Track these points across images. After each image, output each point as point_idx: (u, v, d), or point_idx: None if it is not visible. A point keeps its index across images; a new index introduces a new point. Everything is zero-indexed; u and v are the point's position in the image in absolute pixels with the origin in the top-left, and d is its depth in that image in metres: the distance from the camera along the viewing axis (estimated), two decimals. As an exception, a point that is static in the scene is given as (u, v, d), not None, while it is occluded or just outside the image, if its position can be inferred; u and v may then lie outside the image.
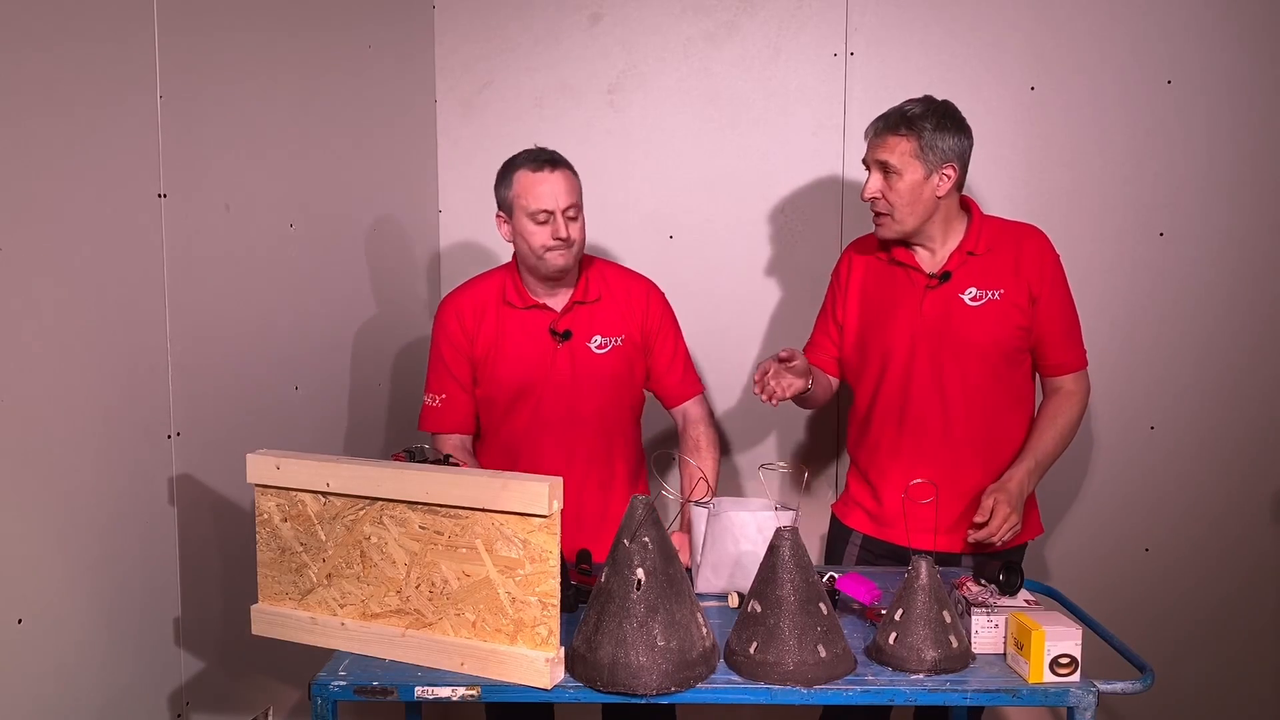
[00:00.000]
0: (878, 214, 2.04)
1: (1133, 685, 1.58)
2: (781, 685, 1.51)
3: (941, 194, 2.00)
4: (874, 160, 2.01)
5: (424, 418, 2.18)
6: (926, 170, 1.97)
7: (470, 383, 2.15)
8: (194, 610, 1.80)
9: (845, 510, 2.22)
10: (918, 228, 2.03)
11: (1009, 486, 1.97)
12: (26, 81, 1.42)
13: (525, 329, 2.13)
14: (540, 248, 2.03)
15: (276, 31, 2.05)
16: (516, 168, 2.05)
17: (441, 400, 2.15)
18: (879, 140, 2.01)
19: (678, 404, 2.24)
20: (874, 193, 2.01)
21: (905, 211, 2.00)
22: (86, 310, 1.55)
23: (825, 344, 2.23)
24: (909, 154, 1.97)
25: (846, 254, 2.24)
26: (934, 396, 2.06)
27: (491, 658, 1.52)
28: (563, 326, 2.12)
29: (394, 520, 1.57)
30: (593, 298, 2.14)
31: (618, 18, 2.73)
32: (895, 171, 1.98)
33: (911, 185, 1.98)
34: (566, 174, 2.05)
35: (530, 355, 2.12)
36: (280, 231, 2.08)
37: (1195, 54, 2.55)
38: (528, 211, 2.02)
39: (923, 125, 1.97)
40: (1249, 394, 2.62)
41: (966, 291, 2.04)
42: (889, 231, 2.05)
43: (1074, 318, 2.10)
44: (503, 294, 2.14)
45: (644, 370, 2.22)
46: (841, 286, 2.21)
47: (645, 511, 1.53)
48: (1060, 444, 2.07)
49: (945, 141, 1.97)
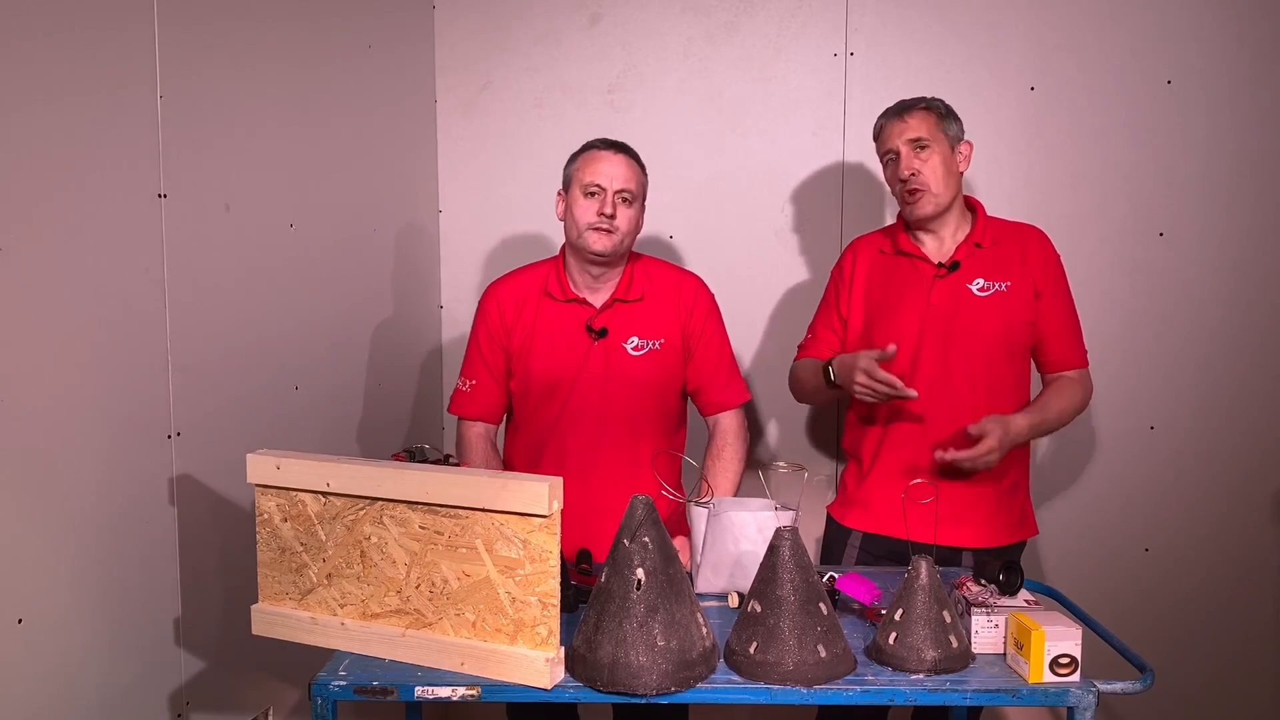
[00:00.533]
0: (913, 191, 2.06)
1: (1133, 685, 1.58)
2: (781, 685, 1.51)
3: (963, 169, 2.09)
4: (904, 141, 2.05)
5: (454, 401, 2.19)
6: (950, 143, 2.06)
7: (503, 373, 2.16)
8: (194, 610, 1.80)
9: (843, 511, 2.22)
10: (950, 202, 2.08)
11: (1010, 425, 1.97)
12: (26, 81, 1.42)
13: (562, 322, 2.12)
14: (584, 223, 2.04)
15: (277, 31, 2.05)
16: (588, 147, 2.10)
17: (472, 386, 2.17)
18: (903, 121, 2.06)
19: (714, 412, 2.19)
20: (912, 169, 2.04)
21: (941, 184, 2.05)
22: (86, 310, 1.55)
23: (829, 338, 2.23)
24: (935, 126, 2.06)
25: (850, 249, 2.25)
26: (939, 386, 2.06)
27: (491, 658, 1.52)
28: (599, 324, 2.11)
29: (394, 520, 1.57)
30: (634, 296, 2.13)
31: (618, 18, 2.73)
32: (928, 144, 2.04)
33: (944, 157, 2.05)
34: (630, 161, 2.09)
35: (563, 350, 2.11)
36: (280, 231, 2.08)
37: (1195, 54, 2.55)
38: (581, 184, 2.06)
39: (936, 104, 2.08)
40: (1249, 394, 2.63)
41: (974, 282, 2.05)
42: (928, 206, 2.06)
43: (1074, 317, 2.12)
44: (545, 285, 2.14)
45: (682, 376, 2.17)
46: (846, 280, 2.21)
47: (645, 511, 1.53)
48: (1061, 418, 2.08)
49: (955, 123, 2.09)
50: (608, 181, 2.04)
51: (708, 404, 2.20)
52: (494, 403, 2.17)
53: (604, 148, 2.08)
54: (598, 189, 2.04)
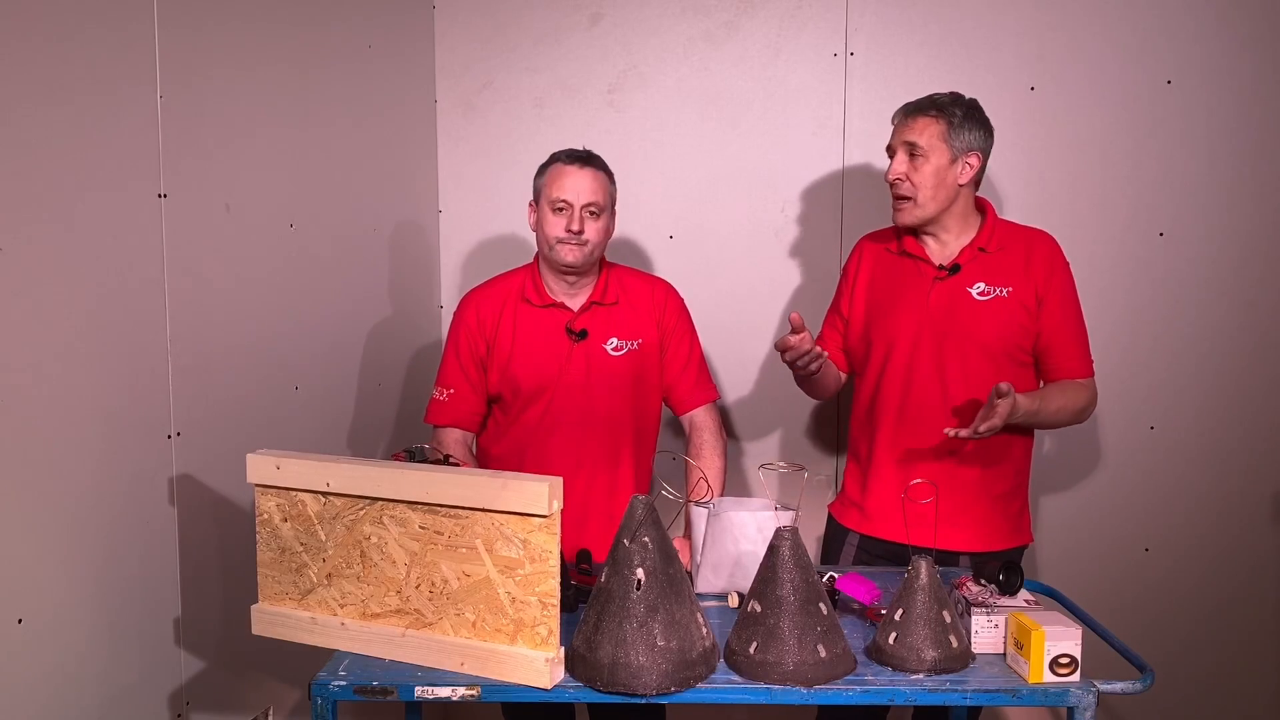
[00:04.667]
0: (899, 198, 2.05)
1: (1133, 685, 1.58)
2: (781, 685, 1.51)
3: (963, 182, 2.03)
4: (901, 142, 2.03)
5: (430, 410, 2.19)
6: (952, 155, 2.00)
7: (480, 381, 2.16)
8: (194, 610, 1.80)
9: (842, 510, 2.22)
10: (937, 214, 2.04)
11: (1019, 401, 1.88)
12: (26, 81, 1.42)
13: (542, 327, 2.14)
14: (553, 238, 2.07)
15: (276, 31, 2.05)
16: (554, 160, 2.11)
17: (449, 395, 2.16)
18: (908, 122, 2.03)
19: (687, 410, 2.23)
20: (899, 174, 2.03)
21: (928, 195, 2.01)
22: (87, 310, 1.55)
23: (832, 335, 2.24)
24: (937, 136, 2.00)
25: (858, 246, 2.25)
26: (935, 388, 2.06)
27: (491, 658, 1.52)
28: (579, 326, 2.13)
29: (394, 520, 1.57)
30: (610, 300, 2.16)
31: (618, 18, 2.73)
32: (922, 154, 2.00)
33: (936, 169, 2.00)
34: (597, 174, 2.09)
35: (545, 353, 2.12)
36: (280, 231, 2.08)
37: (1195, 54, 2.55)
38: (549, 200, 2.07)
39: (952, 111, 2.01)
40: (1249, 394, 2.62)
41: (975, 286, 2.04)
42: (909, 216, 2.05)
43: (1081, 326, 2.09)
44: (522, 291, 2.16)
45: (659, 375, 2.21)
46: (850, 279, 2.22)
47: (645, 511, 1.53)
48: (1060, 413, 2.03)
49: (971, 132, 2.01)
50: (574, 197, 2.06)
51: (681, 402, 2.23)
52: (472, 410, 2.18)
53: (569, 161, 2.09)
54: (565, 205, 2.06)
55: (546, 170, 2.11)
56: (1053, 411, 2.02)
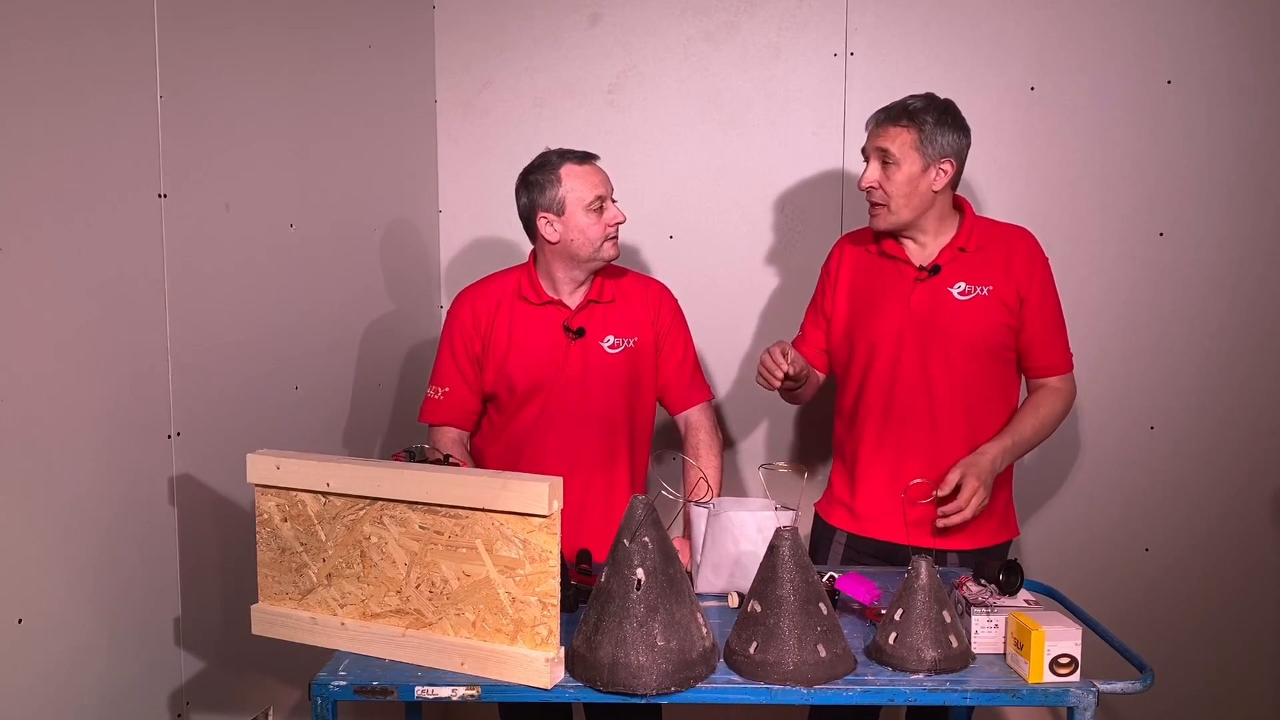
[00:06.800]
0: (873, 204, 2.06)
1: (1133, 685, 1.58)
2: (781, 685, 1.51)
3: (937, 188, 2.02)
4: (874, 149, 2.03)
5: (425, 409, 2.18)
6: (925, 163, 1.99)
7: (476, 380, 2.15)
8: (194, 610, 1.80)
9: (829, 509, 2.22)
10: (912, 220, 2.04)
11: (980, 461, 1.97)
12: (26, 81, 1.42)
13: (539, 325, 2.13)
14: (599, 237, 2.06)
15: (277, 31, 2.05)
16: (561, 164, 2.07)
17: (444, 394, 2.15)
18: (880, 130, 2.02)
19: (682, 409, 2.23)
20: (871, 182, 2.03)
21: (901, 202, 2.01)
22: (87, 310, 1.55)
23: (814, 335, 2.24)
24: (909, 145, 1.98)
25: (838, 246, 2.25)
26: (919, 389, 2.06)
27: (491, 658, 1.52)
28: (576, 323, 2.12)
29: (394, 520, 1.57)
30: (607, 298, 2.16)
31: (618, 18, 2.73)
32: (894, 162, 1.99)
33: (909, 177, 1.99)
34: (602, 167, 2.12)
35: (542, 351, 2.12)
36: (280, 231, 2.08)
37: (1195, 54, 2.55)
38: (584, 202, 2.04)
39: (924, 118, 1.99)
40: (1249, 394, 2.62)
41: (955, 286, 2.04)
42: (883, 222, 2.05)
43: (1060, 321, 2.10)
44: (518, 290, 2.15)
45: (655, 374, 2.21)
46: (831, 278, 2.22)
47: (645, 511, 1.53)
48: (1039, 433, 2.06)
49: (945, 137, 1.99)
50: (606, 189, 2.07)
51: (676, 401, 2.23)
52: (467, 409, 2.17)
53: (581, 161, 2.07)
54: (599, 200, 2.05)
55: (559, 176, 2.05)
56: (1031, 434, 2.05)
